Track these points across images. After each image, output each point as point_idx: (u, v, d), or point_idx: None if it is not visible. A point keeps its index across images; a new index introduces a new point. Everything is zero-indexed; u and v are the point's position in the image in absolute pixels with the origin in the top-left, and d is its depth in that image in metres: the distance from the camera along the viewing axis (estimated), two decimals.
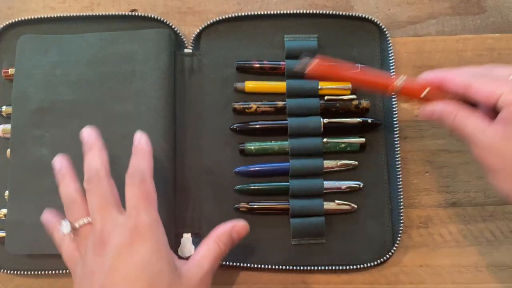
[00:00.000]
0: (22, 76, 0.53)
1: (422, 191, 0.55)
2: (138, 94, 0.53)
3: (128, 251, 0.39)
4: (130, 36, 0.54)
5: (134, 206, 0.41)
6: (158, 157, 0.52)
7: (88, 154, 0.44)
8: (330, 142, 0.53)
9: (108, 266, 0.39)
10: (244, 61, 0.55)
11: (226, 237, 0.45)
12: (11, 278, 0.54)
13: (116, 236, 0.40)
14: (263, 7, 0.58)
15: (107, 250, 0.39)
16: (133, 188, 0.42)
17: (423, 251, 0.54)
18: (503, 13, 0.57)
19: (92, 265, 0.40)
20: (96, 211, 0.41)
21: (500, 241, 0.54)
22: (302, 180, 0.52)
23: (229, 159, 0.54)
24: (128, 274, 0.38)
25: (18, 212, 0.51)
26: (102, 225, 0.41)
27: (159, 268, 0.39)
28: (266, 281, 0.53)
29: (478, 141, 0.40)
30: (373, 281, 0.53)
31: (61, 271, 0.52)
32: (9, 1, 0.58)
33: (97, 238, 0.40)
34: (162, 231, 0.42)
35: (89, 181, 0.42)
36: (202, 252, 0.44)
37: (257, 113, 0.54)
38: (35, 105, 0.52)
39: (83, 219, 0.42)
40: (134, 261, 0.39)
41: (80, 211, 0.42)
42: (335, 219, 0.53)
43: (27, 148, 0.52)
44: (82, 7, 0.58)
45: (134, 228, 0.40)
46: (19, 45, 0.54)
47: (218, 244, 0.44)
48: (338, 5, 0.57)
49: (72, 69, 0.53)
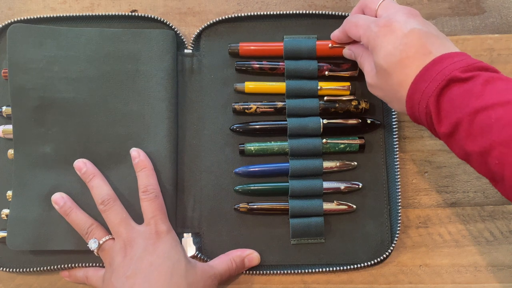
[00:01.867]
0: (17, 71, 0.52)
1: (422, 191, 0.55)
2: (142, 94, 0.53)
3: (152, 248, 0.47)
4: (133, 35, 0.53)
5: (151, 217, 0.49)
6: (161, 158, 0.52)
7: (93, 181, 0.51)
8: (329, 142, 0.53)
9: (136, 258, 0.47)
10: (243, 62, 0.55)
11: (240, 259, 0.52)
12: (12, 277, 0.54)
13: (141, 240, 0.48)
14: (263, 8, 0.58)
15: (134, 250, 0.47)
16: (149, 202, 0.50)
17: (422, 251, 0.54)
18: (503, 14, 0.57)
19: (121, 264, 0.47)
20: (119, 225, 0.49)
21: (499, 241, 0.54)
22: (301, 181, 0.53)
23: (229, 159, 0.54)
24: (153, 262, 0.47)
25: (20, 208, 0.52)
26: (127, 234, 0.48)
27: (177, 257, 0.48)
28: (265, 281, 0.53)
29: (368, 79, 0.48)
30: (372, 281, 0.53)
31: (62, 266, 0.52)
32: (10, 2, 0.58)
33: (123, 244, 0.48)
34: (176, 235, 0.50)
35: (103, 203, 0.50)
36: (218, 261, 0.51)
37: (257, 114, 0.54)
38: (35, 103, 0.52)
39: (106, 236, 0.49)
40: (157, 253, 0.47)
41: (100, 231, 0.50)
42: (334, 219, 0.53)
43: (30, 146, 0.52)
44: (82, 8, 0.58)
45: (155, 232, 0.48)
46: (10, 35, 0.52)
47: (232, 261, 0.51)
48: (337, 6, 0.58)
49: (71, 65, 0.52)
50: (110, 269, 0.48)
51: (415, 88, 0.42)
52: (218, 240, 0.53)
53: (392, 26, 0.44)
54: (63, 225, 0.51)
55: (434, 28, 0.45)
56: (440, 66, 0.41)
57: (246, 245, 0.53)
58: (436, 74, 0.40)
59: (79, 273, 0.52)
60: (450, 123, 0.40)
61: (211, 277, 0.49)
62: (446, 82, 0.40)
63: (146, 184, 0.50)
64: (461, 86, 0.39)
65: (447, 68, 0.40)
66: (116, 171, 0.52)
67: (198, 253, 0.53)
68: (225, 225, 0.53)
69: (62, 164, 0.52)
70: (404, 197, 0.54)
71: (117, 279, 0.46)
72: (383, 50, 0.44)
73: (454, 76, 0.39)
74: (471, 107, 0.38)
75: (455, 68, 0.40)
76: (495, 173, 0.38)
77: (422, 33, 0.43)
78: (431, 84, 0.40)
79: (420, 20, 0.45)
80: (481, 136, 0.38)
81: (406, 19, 0.44)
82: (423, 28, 0.43)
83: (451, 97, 0.40)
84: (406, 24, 0.43)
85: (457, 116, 0.39)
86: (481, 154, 0.38)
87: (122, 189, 0.52)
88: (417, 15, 0.45)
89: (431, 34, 0.43)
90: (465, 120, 0.38)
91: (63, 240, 0.51)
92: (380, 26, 0.44)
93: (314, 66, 0.54)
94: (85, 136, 0.52)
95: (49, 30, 0.53)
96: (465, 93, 0.39)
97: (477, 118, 0.38)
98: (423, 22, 0.45)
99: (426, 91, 0.41)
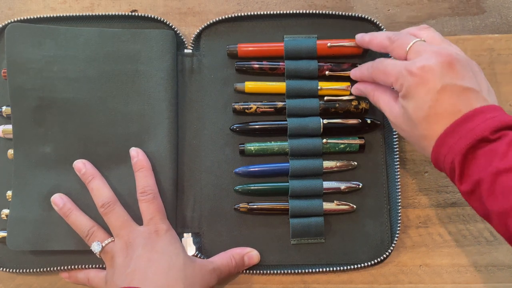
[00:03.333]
0: (16, 71, 0.52)
1: (422, 191, 0.55)
2: (142, 94, 0.53)
3: (151, 246, 0.48)
4: (132, 35, 0.53)
5: (151, 218, 0.49)
6: (161, 158, 0.52)
7: (93, 183, 0.51)
8: (329, 142, 0.53)
9: (135, 257, 0.47)
10: (243, 62, 0.55)
11: (239, 257, 0.52)
12: (12, 277, 0.54)
13: (141, 239, 0.48)
14: (263, 8, 0.58)
15: (134, 249, 0.48)
16: (147, 203, 0.50)
17: (422, 251, 0.54)
18: (503, 14, 0.57)
19: (122, 264, 0.47)
20: (120, 227, 0.49)
21: (499, 241, 0.54)
22: (301, 181, 0.53)
23: (229, 159, 0.54)
24: (151, 258, 0.47)
25: (20, 208, 0.52)
26: (128, 235, 0.49)
27: (176, 252, 0.48)
28: (265, 281, 0.53)
29: (388, 117, 0.48)
30: (372, 281, 0.53)
31: (62, 267, 0.52)
32: (10, 2, 0.58)
33: (124, 245, 0.48)
34: (175, 233, 0.51)
35: (104, 206, 0.50)
36: (217, 257, 0.52)
37: (257, 114, 0.54)
38: (34, 103, 0.52)
39: (108, 239, 0.49)
40: (156, 250, 0.48)
41: (101, 234, 0.50)
42: (334, 219, 0.53)
43: (30, 146, 0.52)
44: (82, 8, 0.58)
45: (154, 231, 0.49)
46: (8, 34, 0.52)
47: (231, 258, 0.52)
48: (337, 6, 0.58)
49: (70, 65, 0.52)
50: (111, 270, 0.48)
51: (443, 141, 0.41)
52: (218, 240, 0.53)
53: (426, 76, 0.42)
54: (63, 225, 0.51)
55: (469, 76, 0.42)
56: (471, 123, 0.40)
57: (246, 245, 0.53)
58: (466, 132, 0.40)
59: (80, 274, 0.52)
60: (472, 182, 0.40)
61: (210, 271, 0.49)
62: (476, 142, 0.39)
63: (144, 185, 0.50)
64: (487, 145, 0.39)
65: (478, 127, 0.40)
66: (116, 171, 0.52)
67: (198, 253, 0.53)
68: (225, 225, 0.53)
69: (62, 164, 0.52)
70: (404, 197, 0.54)
71: (118, 278, 0.47)
72: (413, 101, 0.43)
73: (484, 137, 0.39)
74: (494, 167, 0.38)
75: (486, 128, 0.39)
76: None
77: (454, 90, 0.42)
78: (459, 141, 0.40)
79: (457, 68, 0.42)
80: (502, 197, 0.38)
81: (441, 70, 0.42)
82: (457, 83, 0.42)
83: (476, 156, 0.40)
84: (440, 77, 0.42)
85: (479, 175, 0.39)
86: (502, 215, 0.38)
87: (122, 190, 0.51)
88: (454, 62, 0.42)
89: (464, 89, 0.42)
90: (487, 180, 0.39)
91: (63, 240, 0.51)
92: (413, 75, 0.43)
93: (314, 66, 0.54)
94: (85, 136, 0.52)
95: (47, 30, 0.53)
96: (490, 152, 0.39)
97: (499, 179, 0.38)
98: (459, 70, 0.42)
99: (454, 147, 0.40)
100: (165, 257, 0.47)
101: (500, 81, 0.56)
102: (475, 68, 0.44)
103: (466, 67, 0.43)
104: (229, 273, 0.51)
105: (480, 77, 0.44)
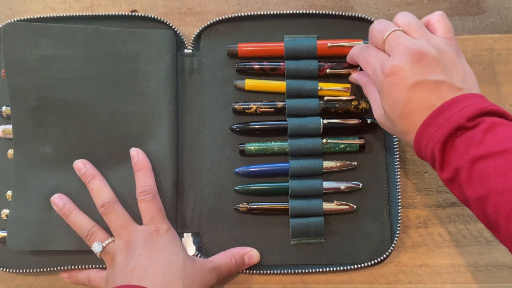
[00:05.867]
0: (14, 72, 0.52)
1: (422, 191, 0.55)
2: (142, 94, 0.53)
3: (151, 245, 0.48)
4: (131, 35, 0.53)
5: (151, 218, 0.50)
6: (161, 158, 0.52)
7: (93, 183, 0.51)
8: (329, 142, 0.53)
9: (135, 255, 0.47)
10: (244, 63, 0.55)
11: (239, 256, 0.52)
12: (12, 277, 0.54)
13: (142, 238, 0.48)
14: (263, 8, 0.58)
15: (134, 248, 0.48)
16: (147, 204, 0.50)
17: (422, 251, 0.54)
18: (503, 14, 0.57)
19: (122, 263, 0.47)
20: (120, 227, 0.49)
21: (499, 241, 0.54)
22: (301, 181, 0.53)
23: (229, 159, 0.54)
24: (150, 256, 0.47)
25: (20, 208, 0.52)
26: (128, 235, 0.49)
27: (175, 251, 0.48)
28: (265, 281, 0.53)
29: (374, 113, 0.49)
30: (372, 281, 0.53)
31: (62, 267, 0.52)
32: (10, 2, 0.58)
33: (125, 244, 0.49)
34: (175, 233, 0.51)
35: (104, 206, 0.50)
36: (218, 256, 0.52)
37: (257, 114, 0.54)
38: (33, 103, 0.52)
39: (108, 239, 0.49)
40: (155, 248, 0.48)
41: (101, 234, 0.50)
42: (334, 219, 0.53)
43: (30, 146, 0.52)
44: (82, 8, 0.58)
45: (155, 231, 0.49)
46: (4, 34, 0.52)
47: (231, 257, 0.52)
48: (337, 6, 0.58)
49: (68, 65, 0.52)
50: (112, 269, 0.48)
51: (423, 132, 0.42)
52: (218, 240, 0.53)
53: (396, 76, 0.43)
54: (63, 225, 0.51)
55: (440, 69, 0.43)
56: (448, 112, 0.41)
57: (246, 245, 0.53)
58: (444, 121, 0.41)
59: (81, 274, 0.52)
60: (451, 170, 0.40)
61: (209, 270, 0.50)
62: (453, 130, 0.40)
63: (143, 185, 0.50)
64: (465, 133, 0.40)
65: (455, 115, 0.40)
66: (116, 171, 0.52)
67: (198, 253, 0.53)
68: (225, 225, 0.53)
69: (62, 164, 0.52)
70: (404, 197, 0.54)
71: (118, 276, 0.47)
72: (387, 101, 0.45)
73: (461, 125, 0.40)
74: (471, 155, 0.39)
75: (462, 116, 0.40)
76: (491, 220, 0.39)
77: (426, 85, 0.42)
78: (438, 130, 0.41)
79: (426, 63, 0.43)
80: (479, 183, 0.39)
81: (411, 68, 0.43)
82: (428, 78, 0.42)
83: (455, 144, 0.40)
84: (410, 75, 0.43)
85: (458, 163, 0.40)
86: (479, 200, 0.39)
87: (122, 190, 0.51)
88: (423, 57, 0.43)
89: (435, 83, 0.42)
90: (465, 167, 0.39)
91: (63, 240, 0.51)
92: (385, 75, 0.44)
93: (315, 66, 0.54)
94: (85, 136, 0.52)
95: (43, 28, 0.52)
96: (467, 140, 0.40)
97: (476, 166, 0.39)
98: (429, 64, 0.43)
99: (433, 137, 0.41)
100: (164, 256, 0.47)
101: (500, 81, 0.56)
102: (449, 57, 0.44)
103: (436, 59, 0.43)
104: (229, 272, 0.51)
105: (454, 66, 0.44)
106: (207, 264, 0.50)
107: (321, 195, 0.53)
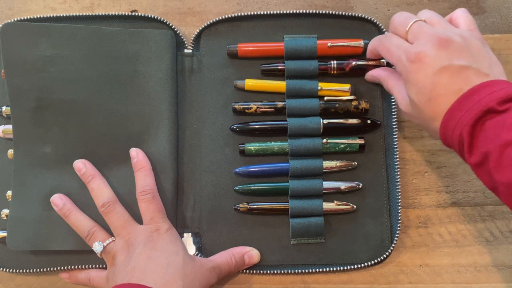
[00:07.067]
0: (13, 72, 0.52)
1: (422, 191, 0.55)
2: (141, 94, 0.53)
3: (152, 244, 0.48)
4: (130, 35, 0.53)
5: (151, 217, 0.50)
6: (161, 158, 0.52)
7: (93, 183, 0.51)
8: (329, 142, 0.53)
9: (136, 255, 0.47)
10: (269, 64, 0.55)
11: (239, 256, 0.52)
12: (12, 277, 0.54)
13: (142, 237, 0.49)
14: (263, 8, 0.58)
15: (135, 247, 0.48)
16: (147, 203, 0.50)
17: (422, 251, 0.54)
18: (503, 14, 0.57)
19: (123, 262, 0.47)
20: (121, 227, 0.49)
21: (499, 241, 0.54)
22: (301, 181, 0.53)
23: (229, 159, 0.54)
24: (150, 256, 0.47)
25: (20, 208, 0.52)
26: (129, 235, 0.49)
27: (175, 250, 0.48)
28: (265, 281, 0.53)
29: (399, 104, 0.49)
30: (372, 281, 0.53)
31: (62, 267, 0.52)
32: (10, 2, 0.58)
33: (125, 244, 0.49)
34: (176, 232, 0.51)
35: (104, 206, 0.50)
36: (218, 255, 0.52)
37: (257, 114, 0.54)
38: (33, 103, 0.52)
39: (109, 239, 0.49)
40: (156, 248, 0.48)
41: (102, 234, 0.50)
42: (334, 219, 0.53)
43: (30, 146, 0.52)
44: (82, 8, 0.58)
45: (155, 230, 0.49)
46: (3, 34, 0.52)
47: (231, 256, 0.52)
48: (337, 6, 0.58)
49: (68, 65, 0.52)
50: (112, 269, 0.48)
51: (450, 116, 0.42)
52: (218, 240, 0.53)
53: (422, 62, 0.44)
54: (63, 225, 0.51)
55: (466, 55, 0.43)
56: (478, 96, 0.41)
57: (246, 245, 0.53)
58: (473, 104, 0.40)
59: (81, 274, 0.52)
60: (480, 153, 0.40)
61: (210, 269, 0.50)
62: (482, 113, 0.40)
63: (143, 184, 0.50)
64: (496, 117, 0.40)
65: (484, 98, 0.40)
66: (116, 171, 0.52)
67: (198, 253, 0.53)
68: (225, 225, 0.53)
69: (62, 164, 0.52)
70: (404, 197, 0.55)
71: (118, 275, 0.47)
72: (414, 87, 0.45)
73: (491, 108, 0.40)
74: (502, 139, 0.39)
75: (492, 99, 0.40)
76: None
77: (452, 69, 0.43)
78: (467, 113, 0.41)
79: (452, 49, 0.43)
80: (509, 168, 0.38)
81: (437, 53, 0.43)
82: (455, 63, 0.43)
83: (485, 127, 0.40)
84: (436, 60, 0.43)
85: (488, 147, 0.39)
86: (509, 185, 0.39)
87: (123, 190, 0.52)
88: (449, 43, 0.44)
89: (462, 68, 0.42)
90: (495, 151, 0.39)
91: (63, 240, 0.51)
92: (410, 61, 0.44)
93: (315, 65, 0.54)
94: (85, 136, 0.52)
95: (42, 28, 0.52)
96: (498, 124, 0.39)
97: (507, 151, 0.38)
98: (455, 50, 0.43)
99: (461, 120, 0.41)
100: (164, 255, 0.48)
101: None
102: (474, 45, 0.45)
103: (461, 46, 0.44)
104: (229, 271, 0.51)
105: (480, 53, 0.44)
106: (208, 264, 0.50)
107: (321, 195, 0.53)
